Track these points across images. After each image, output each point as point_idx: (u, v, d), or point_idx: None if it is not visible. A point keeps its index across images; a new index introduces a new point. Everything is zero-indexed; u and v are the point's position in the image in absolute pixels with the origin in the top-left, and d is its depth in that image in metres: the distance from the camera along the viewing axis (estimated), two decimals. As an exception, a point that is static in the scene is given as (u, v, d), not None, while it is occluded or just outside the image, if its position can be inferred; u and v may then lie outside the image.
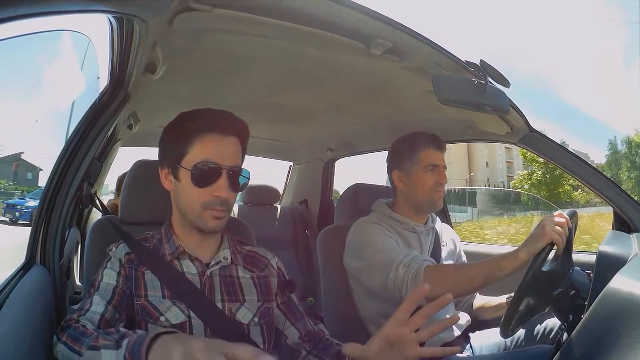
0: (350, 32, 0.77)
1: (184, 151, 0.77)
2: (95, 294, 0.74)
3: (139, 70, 0.90)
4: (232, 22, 0.73)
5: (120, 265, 0.79)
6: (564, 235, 0.86)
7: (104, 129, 0.91)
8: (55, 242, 0.84)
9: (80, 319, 0.69)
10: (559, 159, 1.21)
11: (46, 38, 0.83)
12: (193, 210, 0.78)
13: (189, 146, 0.77)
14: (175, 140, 0.78)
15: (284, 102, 1.32)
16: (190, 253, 0.81)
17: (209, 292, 0.80)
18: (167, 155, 0.80)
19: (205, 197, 0.76)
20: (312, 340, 0.87)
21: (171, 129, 0.81)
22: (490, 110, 0.89)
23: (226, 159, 0.77)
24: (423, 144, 1.17)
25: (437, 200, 1.17)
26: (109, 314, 0.73)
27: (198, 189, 0.76)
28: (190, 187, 0.76)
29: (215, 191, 0.76)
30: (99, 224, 0.97)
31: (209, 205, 0.77)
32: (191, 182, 0.76)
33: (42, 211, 0.83)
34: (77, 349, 0.62)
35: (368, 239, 1.11)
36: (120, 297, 0.75)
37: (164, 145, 0.82)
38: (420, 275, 0.96)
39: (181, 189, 0.78)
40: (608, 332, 0.61)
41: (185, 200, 0.78)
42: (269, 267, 0.89)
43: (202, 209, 0.77)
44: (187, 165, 0.76)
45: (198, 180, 0.76)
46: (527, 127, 1.19)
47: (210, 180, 0.76)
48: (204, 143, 0.76)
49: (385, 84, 1.09)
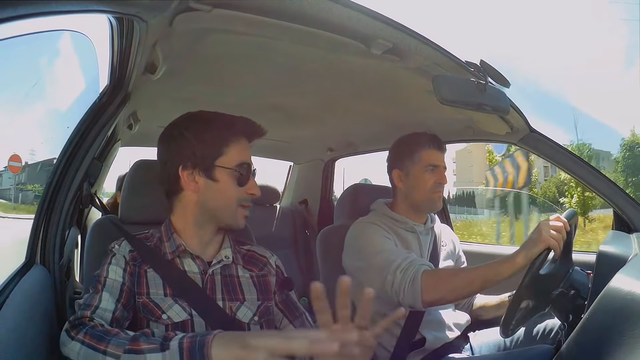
0: (351, 32, 0.77)
1: (220, 152, 0.81)
2: (104, 290, 0.74)
3: (139, 70, 0.90)
4: (232, 22, 0.73)
5: (126, 262, 0.79)
6: (560, 240, 0.86)
7: (104, 129, 0.91)
8: (55, 242, 0.84)
9: (94, 316, 0.69)
10: (559, 159, 1.21)
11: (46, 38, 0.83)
12: (228, 208, 0.82)
13: (226, 147, 0.81)
14: (210, 141, 0.81)
15: (284, 102, 1.32)
16: (191, 252, 0.82)
17: (210, 291, 0.80)
18: (197, 155, 0.80)
19: (242, 194, 0.82)
20: None
21: (199, 128, 0.81)
22: (490, 111, 0.89)
23: (250, 160, 0.84)
24: (424, 143, 1.17)
25: (436, 200, 1.17)
26: (118, 313, 0.73)
27: (237, 188, 0.81)
28: (230, 186, 0.81)
29: (250, 189, 0.83)
30: (99, 224, 0.97)
31: (244, 201, 0.83)
32: (234, 181, 0.81)
33: (42, 211, 0.83)
34: (102, 349, 0.62)
35: (367, 239, 1.11)
36: (127, 295, 0.76)
37: (189, 143, 0.81)
38: (417, 280, 0.96)
39: (217, 188, 0.81)
40: (608, 331, 0.61)
41: (222, 199, 0.81)
42: (267, 266, 0.90)
43: (237, 206, 0.82)
44: (226, 165, 0.80)
45: (240, 179, 0.81)
46: (527, 127, 1.19)
47: (248, 179, 0.83)
48: (240, 146, 0.82)
49: (385, 84, 1.09)
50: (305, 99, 1.29)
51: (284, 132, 1.79)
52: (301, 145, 2.04)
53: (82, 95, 1.14)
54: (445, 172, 1.18)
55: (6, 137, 1.24)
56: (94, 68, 1.03)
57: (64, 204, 0.85)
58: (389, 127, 1.44)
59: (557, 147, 1.22)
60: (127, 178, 0.98)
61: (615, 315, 0.61)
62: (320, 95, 1.24)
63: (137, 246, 0.82)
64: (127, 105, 0.99)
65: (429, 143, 1.17)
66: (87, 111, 0.92)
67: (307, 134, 1.82)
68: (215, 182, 0.81)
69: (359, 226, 1.16)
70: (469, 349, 1.19)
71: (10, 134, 1.23)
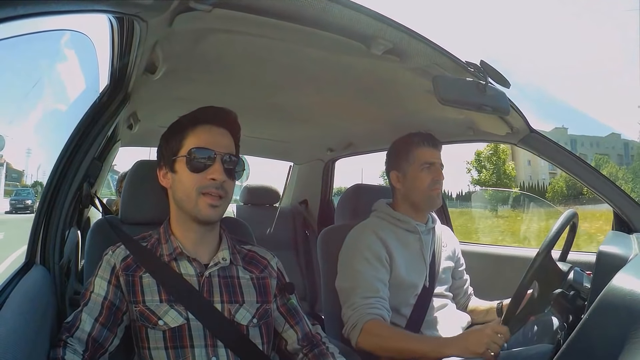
0: (351, 33, 0.77)
1: (179, 145, 0.81)
2: (84, 309, 0.75)
3: (139, 70, 0.90)
4: (232, 22, 0.73)
5: (112, 273, 0.79)
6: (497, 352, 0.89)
7: (104, 129, 0.91)
8: (55, 242, 0.83)
9: (68, 340, 0.71)
10: (559, 159, 1.21)
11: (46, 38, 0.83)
12: (189, 198, 0.79)
13: (184, 139, 0.81)
14: (171, 138, 0.83)
15: (284, 102, 1.32)
16: (188, 254, 0.81)
17: (207, 294, 0.80)
18: (164, 154, 0.84)
19: (201, 181, 0.78)
20: (309, 344, 0.87)
21: (168, 130, 0.86)
22: (490, 111, 0.89)
23: (219, 146, 0.80)
24: (417, 142, 1.18)
25: (435, 197, 1.17)
26: (95, 332, 0.73)
27: (194, 175, 0.79)
28: (186, 174, 0.79)
29: (210, 174, 0.78)
30: (99, 224, 0.97)
31: (205, 188, 0.78)
32: (187, 168, 0.79)
33: (42, 211, 0.83)
34: None
35: (351, 255, 1.14)
36: (108, 311, 0.76)
37: (161, 146, 0.85)
38: (357, 329, 1.03)
39: (177, 179, 0.81)
40: (608, 332, 0.61)
41: (182, 189, 0.80)
42: (268, 268, 0.89)
43: (198, 195, 0.78)
44: (182, 154, 0.80)
45: (193, 165, 0.79)
46: (527, 127, 1.19)
47: (205, 165, 0.79)
48: (196, 133, 0.81)
49: (385, 84, 1.09)
50: (305, 99, 1.29)
51: (283, 132, 1.79)
52: (301, 145, 2.04)
53: (82, 95, 1.14)
54: (443, 169, 1.19)
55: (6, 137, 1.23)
56: (94, 68, 1.03)
57: (64, 204, 0.85)
58: (389, 128, 1.44)
59: (557, 147, 1.22)
60: (127, 178, 0.98)
61: (615, 316, 0.61)
62: (320, 95, 1.24)
63: (133, 249, 0.81)
64: (127, 105, 0.99)
65: (422, 142, 1.18)
66: (87, 111, 0.92)
67: (307, 134, 1.82)
68: (175, 174, 0.81)
69: (354, 236, 1.17)
70: (469, 349, 1.19)
71: (11, 133, 1.23)
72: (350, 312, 1.06)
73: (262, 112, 1.42)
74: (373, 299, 1.06)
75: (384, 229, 1.16)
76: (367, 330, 1.02)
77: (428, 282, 1.17)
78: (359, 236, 1.15)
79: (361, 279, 1.08)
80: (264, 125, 1.66)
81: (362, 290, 1.07)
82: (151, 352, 0.76)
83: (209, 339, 0.77)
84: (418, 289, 1.15)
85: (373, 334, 1.02)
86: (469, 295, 1.30)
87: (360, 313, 1.04)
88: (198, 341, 0.76)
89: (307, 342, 0.88)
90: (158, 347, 0.76)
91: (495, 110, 0.90)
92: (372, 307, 1.05)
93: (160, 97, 1.20)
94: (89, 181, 1.40)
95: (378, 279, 1.09)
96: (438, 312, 1.17)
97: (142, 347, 0.77)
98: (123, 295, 0.78)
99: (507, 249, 1.66)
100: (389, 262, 1.12)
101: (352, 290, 1.08)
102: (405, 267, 1.14)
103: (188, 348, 0.76)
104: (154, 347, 0.76)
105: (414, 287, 1.14)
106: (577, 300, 0.88)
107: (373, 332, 1.02)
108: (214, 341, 0.77)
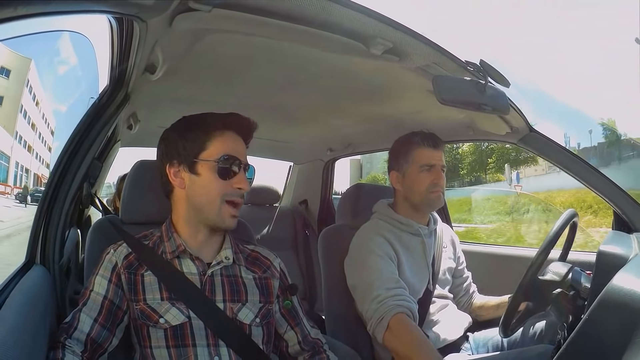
0: (350, 33, 0.77)
1: (203, 147, 0.80)
2: (83, 309, 0.75)
3: (139, 71, 0.90)
4: (232, 22, 0.73)
5: (114, 271, 0.78)
6: None
7: (104, 129, 0.91)
8: (55, 242, 0.84)
9: (66, 342, 0.70)
10: (559, 158, 1.21)
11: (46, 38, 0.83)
12: (212, 204, 0.79)
13: (209, 142, 0.80)
14: (192, 137, 0.80)
15: (283, 102, 1.32)
16: (191, 252, 0.81)
17: (209, 292, 0.80)
18: (181, 152, 0.81)
19: (227, 188, 0.79)
20: (311, 349, 0.88)
21: (185, 126, 0.83)
22: (490, 110, 0.89)
23: (242, 155, 0.81)
24: (417, 143, 1.15)
25: (434, 200, 1.15)
26: (94, 333, 0.73)
27: (221, 181, 0.79)
28: (212, 180, 0.79)
29: (236, 183, 0.80)
30: (99, 224, 0.97)
31: (230, 196, 0.79)
32: (215, 174, 0.79)
33: (42, 211, 0.83)
34: None
35: (363, 256, 1.11)
36: (107, 310, 0.75)
37: (174, 142, 0.82)
38: (384, 324, 1.00)
39: (200, 183, 0.80)
40: (608, 331, 0.61)
41: (204, 194, 0.79)
42: (271, 269, 0.89)
43: (222, 202, 0.79)
44: (208, 158, 0.79)
45: (222, 172, 0.79)
46: (527, 127, 1.19)
47: (233, 173, 0.80)
48: (225, 139, 0.80)
49: (385, 84, 1.09)
50: (305, 99, 1.29)
51: (284, 132, 1.79)
52: (301, 145, 2.04)
53: (82, 95, 1.14)
54: (444, 170, 1.17)
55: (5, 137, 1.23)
56: (93, 68, 1.03)
57: (64, 204, 0.85)
58: (389, 127, 1.44)
59: (557, 146, 1.22)
60: (127, 178, 0.98)
61: (615, 315, 0.61)
62: (320, 95, 1.24)
63: (135, 247, 0.81)
64: (127, 105, 0.99)
65: (422, 142, 1.15)
66: (87, 111, 0.92)
67: (307, 134, 1.82)
68: (198, 176, 0.80)
69: (362, 236, 1.15)
70: (469, 349, 1.19)
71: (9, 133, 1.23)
72: (375, 306, 1.01)
73: (262, 112, 1.41)
74: (397, 289, 1.04)
75: (388, 231, 1.15)
76: (393, 327, 0.99)
77: (431, 286, 1.16)
78: (367, 236, 1.14)
79: (379, 272, 1.06)
80: (264, 125, 1.64)
81: (383, 281, 1.04)
82: (153, 351, 0.76)
83: (211, 338, 0.77)
84: (421, 293, 1.14)
85: (394, 334, 0.99)
86: (471, 293, 1.29)
87: (387, 305, 1.00)
88: (200, 340, 0.76)
89: (308, 347, 0.88)
90: (160, 346, 0.76)
91: (495, 109, 0.90)
92: (398, 299, 1.02)
93: (160, 97, 1.20)
94: (89, 181, 1.40)
95: (394, 273, 1.08)
96: (439, 312, 1.16)
97: (144, 346, 0.77)
98: (124, 294, 0.78)
99: (507, 249, 1.66)
100: (396, 264, 1.11)
101: (371, 284, 1.04)
102: (410, 272, 1.13)
103: (190, 347, 0.75)
104: (156, 346, 0.76)
105: (417, 292, 1.13)
106: (577, 300, 0.88)
107: (395, 331, 0.99)
108: (216, 340, 0.77)
